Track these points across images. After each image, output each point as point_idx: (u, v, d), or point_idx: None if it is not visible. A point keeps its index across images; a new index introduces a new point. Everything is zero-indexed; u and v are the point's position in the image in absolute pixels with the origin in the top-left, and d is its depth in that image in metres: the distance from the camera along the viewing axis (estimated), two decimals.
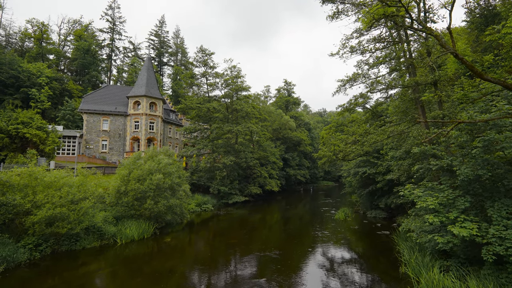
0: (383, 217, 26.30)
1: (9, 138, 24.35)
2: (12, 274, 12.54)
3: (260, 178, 42.36)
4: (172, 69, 78.34)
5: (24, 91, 44.65)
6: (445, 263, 11.36)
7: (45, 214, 14.06)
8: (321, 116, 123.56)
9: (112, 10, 70.02)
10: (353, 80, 19.18)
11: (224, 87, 41.71)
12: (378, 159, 26.56)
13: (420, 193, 11.41)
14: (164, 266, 15.04)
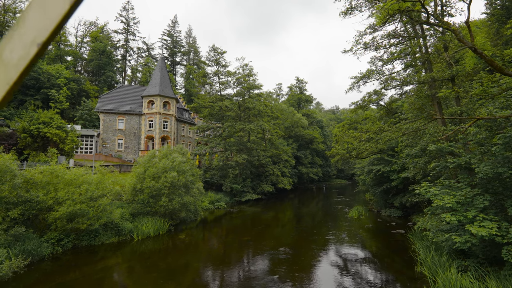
0: (397, 216, 25.86)
1: (31, 138, 25.36)
2: (36, 267, 13.15)
3: (273, 176, 42.39)
4: (184, 68, 79.26)
5: (44, 92, 46.29)
6: (463, 263, 11.12)
7: (66, 210, 14.64)
8: (334, 114, 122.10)
9: (126, 11, 71.41)
10: (367, 77, 18.89)
11: (236, 85, 41.89)
12: (392, 157, 26.09)
13: (436, 191, 11.19)
14: (178, 262, 15.39)
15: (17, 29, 0.48)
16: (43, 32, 0.47)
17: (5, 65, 0.48)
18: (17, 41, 0.48)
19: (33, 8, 0.47)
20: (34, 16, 0.47)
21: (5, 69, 0.48)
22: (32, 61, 0.47)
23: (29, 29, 0.47)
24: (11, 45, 0.48)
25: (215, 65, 41.56)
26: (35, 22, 0.47)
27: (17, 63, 0.47)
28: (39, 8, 0.47)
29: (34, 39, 0.47)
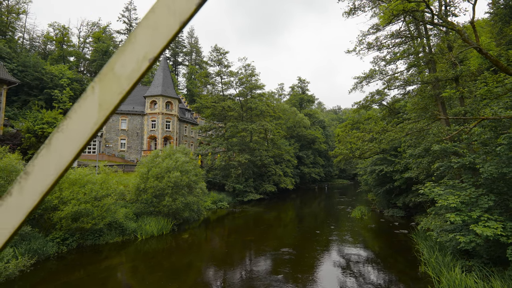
0: (400, 216, 25.83)
1: (36, 138, 25.53)
2: (42, 266, 13.26)
3: (275, 176, 42.44)
4: (187, 69, 79.47)
5: (47, 92, 46.54)
6: (467, 263, 11.12)
7: (71, 209, 14.75)
8: (336, 114, 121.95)
9: (128, 12, 71.70)
10: (370, 77, 18.91)
11: (239, 85, 41.99)
12: (395, 157, 26.07)
13: (441, 191, 11.20)
14: (182, 261, 15.47)
15: (129, 45, 0.53)
16: (154, 49, 0.53)
17: (118, 78, 0.53)
18: (129, 56, 0.53)
19: (143, 28, 0.53)
20: (145, 35, 0.53)
21: (117, 81, 0.53)
22: (143, 74, 0.53)
23: (141, 46, 0.53)
24: (122, 59, 0.53)
25: (217, 65, 41.68)
26: (146, 40, 0.53)
27: (129, 76, 0.53)
28: (150, 28, 0.53)
29: (146, 55, 0.53)
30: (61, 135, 0.56)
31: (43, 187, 0.55)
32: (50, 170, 0.55)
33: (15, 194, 0.56)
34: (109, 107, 0.54)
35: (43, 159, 0.56)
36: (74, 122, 0.56)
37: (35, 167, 0.56)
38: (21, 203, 0.55)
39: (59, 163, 0.55)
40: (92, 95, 0.55)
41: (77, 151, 0.55)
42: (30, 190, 0.55)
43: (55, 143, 0.56)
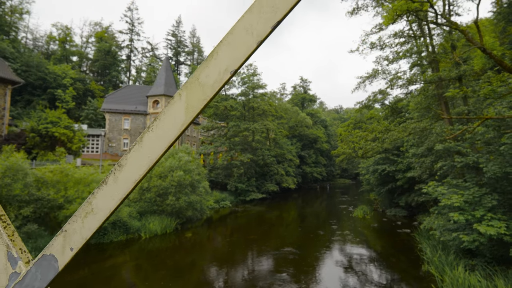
0: (403, 215, 25.85)
1: (40, 137, 25.71)
2: None
3: (277, 175, 42.52)
4: (189, 68, 79.62)
5: (50, 92, 46.83)
6: (470, 262, 11.16)
7: (76, 208, 14.89)
8: (338, 113, 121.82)
9: (130, 11, 71.87)
10: (373, 76, 18.94)
11: (241, 85, 42.08)
12: (398, 157, 26.10)
13: (444, 191, 11.25)
14: (185, 260, 15.58)
15: (211, 60, 0.64)
16: (234, 63, 0.63)
17: (202, 86, 0.64)
18: (212, 69, 0.64)
19: (224, 45, 0.63)
20: (225, 51, 0.63)
21: (202, 89, 0.64)
22: (224, 84, 0.64)
23: (222, 60, 0.63)
24: (206, 71, 0.64)
25: None
26: (227, 55, 0.63)
27: (213, 85, 0.63)
28: (230, 46, 0.63)
29: (227, 68, 0.63)
30: (152, 134, 0.65)
31: (136, 177, 0.65)
32: (143, 163, 0.65)
33: (110, 182, 0.65)
34: (195, 110, 0.64)
35: (136, 154, 0.65)
36: (164, 123, 0.65)
37: (128, 160, 0.66)
38: (115, 190, 0.65)
39: (151, 157, 0.65)
40: (179, 100, 0.65)
41: (166, 147, 0.65)
42: (124, 179, 0.65)
43: (146, 140, 0.65)
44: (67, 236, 0.67)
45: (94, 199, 0.66)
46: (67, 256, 0.67)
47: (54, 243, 0.68)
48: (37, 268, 0.67)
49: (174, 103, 0.65)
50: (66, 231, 0.67)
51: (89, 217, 0.66)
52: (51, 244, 0.68)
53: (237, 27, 0.62)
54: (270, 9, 0.60)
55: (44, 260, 0.67)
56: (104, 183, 0.66)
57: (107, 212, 0.65)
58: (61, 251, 0.67)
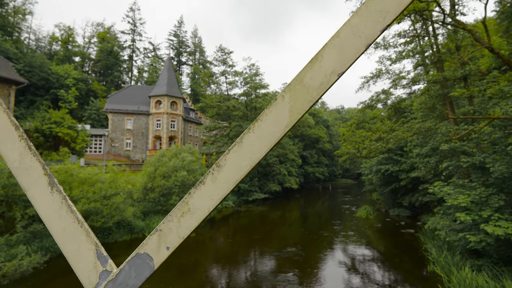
0: (406, 216, 25.79)
1: (44, 137, 25.82)
2: (54, 263, 13.46)
3: (279, 175, 42.54)
4: (190, 68, 79.72)
5: (53, 92, 47.00)
6: (476, 263, 11.13)
7: (81, 208, 14.94)
8: (339, 113, 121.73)
9: (132, 12, 72.04)
10: (377, 76, 18.93)
11: (243, 85, 42.13)
12: (401, 156, 26.05)
13: (450, 191, 11.22)
14: (189, 260, 15.60)
15: (316, 62, 0.64)
16: (341, 65, 0.63)
17: (307, 88, 0.64)
18: (317, 71, 0.64)
19: (330, 48, 0.63)
20: (332, 54, 0.63)
21: (307, 91, 0.64)
22: (331, 86, 0.63)
23: (328, 63, 0.63)
24: (311, 74, 0.64)
25: (222, 65, 41.83)
26: (333, 58, 0.63)
27: (319, 87, 0.63)
28: (336, 48, 0.63)
29: (334, 71, 0.63)
30: (253, 135, 0.66)
31: (237, 177, 0.65)
32: (243, 163, 0.65)
33: (208, 182, 0.66)
34: (300, 112, 0.64)
35: (235, 155, 0.66)
36: (265, 125, 0.65)
37: (228, 161, 0.66)
38: (214, 190, 0.66)
39: (252, 158, 0.65)
40: (282, 102, 0.65)
41: (269, 148, 0.65)
42: (223, 180, 0.65)
43: (246, 141, 0.66)
44: (162, 235, 0.67)
45: (191, 199, 0.67)
46: (163, 255, 0.67)
47: (148, 242, 0.68)
48: (131, 267, 0.67)
49: (277, 105, 0.65)
50: (161, 231, 0.67)
51: (186, 216, 0.66)
52: (145, 243, 0.68)
53: (343, 30, 0.63)
54: (378, 14, 0.60)
55: (138, 259, 0.67)
56: (201, 183, 0.67)
57: (205, 211, 0.66)
58: (157, 250, 0.67)
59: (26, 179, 0.73)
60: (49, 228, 0.71)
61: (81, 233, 0.70)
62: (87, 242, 0.69)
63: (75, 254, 0.69)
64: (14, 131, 0.77)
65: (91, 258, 0.68)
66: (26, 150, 0.75)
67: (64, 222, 0.70)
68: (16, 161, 0.75)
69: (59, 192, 0.72)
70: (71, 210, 0.71)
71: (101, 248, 0.69)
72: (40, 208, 0.71)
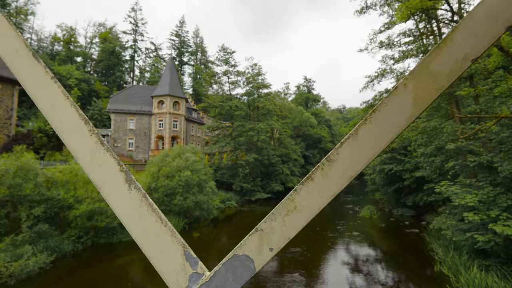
0: (410, 215, 25.70)
1: (47, 137, 25.87)
2: (59, 263, 13.47)
3: (282, 175, 42.48)
4: (192, 68, 79.73)
5: None
6: (484, 263, 11.05)
7: (85, 208, 14.94)
8: (341, 113, 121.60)
9: (134, 12, 72.10)
10: (382, 75, 18.87)
11: (246, 85, 42.09)
12: (405, 156, 25.97)
13: (457, 190, 11.16)
14: None
15: (444, 47, 0.59)
16: (476, 50, 0.57)
17: (434, 76, 0.59)
18: (446, 57, 0.58)
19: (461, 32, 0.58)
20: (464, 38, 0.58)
21: (434, 79, 0.59)
22: (462, 73, 0.58)
23: (459, 48, 0.58)
24: (439, 60, 0.59)
25: (224, 65, 41.81)
26: (465, 42, 0.58)
27: (448, 74, 0.58)
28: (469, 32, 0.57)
29: (467, 56, 0.57)
30: (370, 126, 0.61)
31: (352, 173, 0.61)
32: (359, 158, 0.60)
33: (317, 178, 0.61)
34: (427, 101, 0.59)
35: (350, 148, 0.61)
36: (385, 116, 0.60)
37: (340, 155, 0.61)
38: (325, 186, 0.61)
39: (369, 151, 0.60)
40: (404, 91, 0.60)
41: (389, 141, 0.60)
42: (335, 175, 0.60)
43: (363, 133, 0.61)
44: (263, 235, 0.63)
45: (297, 196, 0.62)
46: (265, 256, 0.62)
47: (247, 243, 0.64)
48: (227, 269, 0.63)
49: (397, 94, 0.60)
50: (262, 230, 0.63)
51: (292, 215, 0.61)
52: (243, 244, 0.64)
53: (477, 12, 0.57)
54: None
55: (235, 261, 0.63)
56: (309, 179, 0.61)
57: (314, 210, 0.61)
58: (258, 251, 0.62)
59: (99, 176, 0.69)
60: (128, 228, 0.67)
61: (165, 233, 0.66)
62: (173, 242, 0.66)
63: (160, 256, 0.65)
64: (83, 125, 0.73)
65: (178, 260, 0.65)
66: (98, 145, 0.71)
67: (145, 222, 0.66)
68: (87, 157, 0.70)
69: (137, 189, 0.68)
70: (153, 208, 0.67)
71: (189, 249, 0.65)
72: (116, 207, 0.67)
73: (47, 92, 0.77)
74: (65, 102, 0.75)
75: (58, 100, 0.76)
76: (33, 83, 0.79)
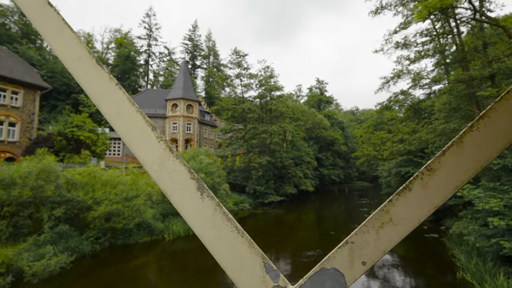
0: (428, 219, 24.91)
1: (66, 140, 26.65)
2: (79, 263, 13.80)
3: (295, 177, 42.19)
4: (205, 72, 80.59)
5: (74, 97, 48.57)
6: (510, 270, 10.59)
7: (104, 209, 15.28)
8: (354, 115, 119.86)
9: (148, 17, 73.69)
10: (398, 76, 18.51)
11: (258, 87, 42.18)
12: (422, 158, 25.32)
13: (480, 194, 10.76)
14: (208, 262, 15.61)
15: None
16: None
17: None
18: None
19: None
20: None
21: None
22: None
23: None
24: None
25: (237, 68, 42.06)
26: None
27: None
28: None
29: None
30: (477, 134, 0.56)
31: (456, 183, 0.56)
32: (465, 166, 0.56)
33: (416, 189, 0.57)
34: None
35: (454, 156, 0.57)
36: (495, 122, 0.55)
37: (443, 164, 0.57)
38: (425, 197, 0.57)
39: (478, 160, 0.55)
40: None
41: (501, 150, 0.55)
42: (437, 185, 0.56)
43: (469, 141, 0.56)
44: (355, 248, 0.59)
45: (393, 207, 0.58)
46: (357, 270, 0.58)
47: (336, 256, 0.60)
48: (314, 283, 0.59)
49: (510, 98, 0.54)
50: (353, 243, 0.59)
51: (387, 227, 0.58)
52: (331, 256, 0.60)
53: None
54: None
55: (323, 275, 0.59)
56: (407, 189, 0.57)
57: (414, 222, 0.57)
58: (349, 265, 0.59)
59: (168, 184, 0.67)
60: (202, 237, 0.65)
61: (242, 243, 0.64)
62: (251, 253, 0.63)
63: (237, 267, 0.62)
64: (151, 132, 0.71)
65: (257, 272, 0.61)
66: (166, 152, 0.69)
67: (220, 232, 0.64)
68: (155, 164, 0.69)
69: (211, 198, 0.66)
70: (228, 218, 0.65)
71: (269, 261, 0.62)
72: (188, 216, 0.66)
73: (111, 98, 0.76)
74: (130, 109, 0.74)
75: (123, 107, 0.74)
76: (96, 89, 0.78)
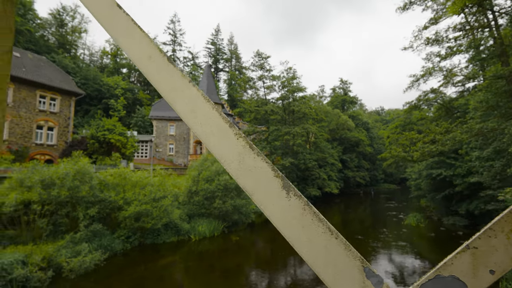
0: (463, 225, 23.50)
1: (98, 143, 28.02)
2: (111, 261, 14.42)
3: (319, 179, 41.47)
4: (227, 75, 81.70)
5: (104, 102, 51.08)
6: None
7: (133, 210, 15.87)
8: (379, 115, 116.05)
9: (173, 24, 76.03)
10: (429, 74, 17.66)
11: (281, 89, 42.06)
12: (456, 160, 23.95)
13: None
14: (233, 263, 15.75)
15: None
16: None
17: None
18: None
19: None
20: None
21: None
22: None
23: None
24: None
25: (259, 70, 42.21)
26: None
27: None
28: None
29: None
30: None
31: None
32: None
33: None
34: None
35: None
36: None
37: None
38: None
39: None
40: None
41: None
42: None
43: None
44: (479, 254, 0.53)
45: None
46: (483, 280, 0.51)
47: (454, 262, 0.54)
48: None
49: None
50: (477, 248, 0.53)
51: None
52: (448, 263, 0.54)
53: None
54: None
55: (439, 283, 0.53)
56: None
57: None
58: (471, 273, 0.52)
59: (249, 182, 0.65)
60: (289, 238, 0.62)
61: (337, 246, 0.59)
62: (348, 257, 0.58)
63: (332, 272, 0.58)
64: (228, 129, 0.70)
65: (356, 276, 0.56)
66: (246, 149, 0.67)
67: (310, 233, 0.61)
68: (234, 161, 0.67)
69: (298, 197, 0.63)
70: (319, 218, 0.62)
71: (369, 265, 0.57)
72: (273, 215, 0.63)
73: (184, 95, 0.75)
74: (205, 105, 0.72)
75: (197, 104, 0.73)
76: (169, 87, 0.77)
